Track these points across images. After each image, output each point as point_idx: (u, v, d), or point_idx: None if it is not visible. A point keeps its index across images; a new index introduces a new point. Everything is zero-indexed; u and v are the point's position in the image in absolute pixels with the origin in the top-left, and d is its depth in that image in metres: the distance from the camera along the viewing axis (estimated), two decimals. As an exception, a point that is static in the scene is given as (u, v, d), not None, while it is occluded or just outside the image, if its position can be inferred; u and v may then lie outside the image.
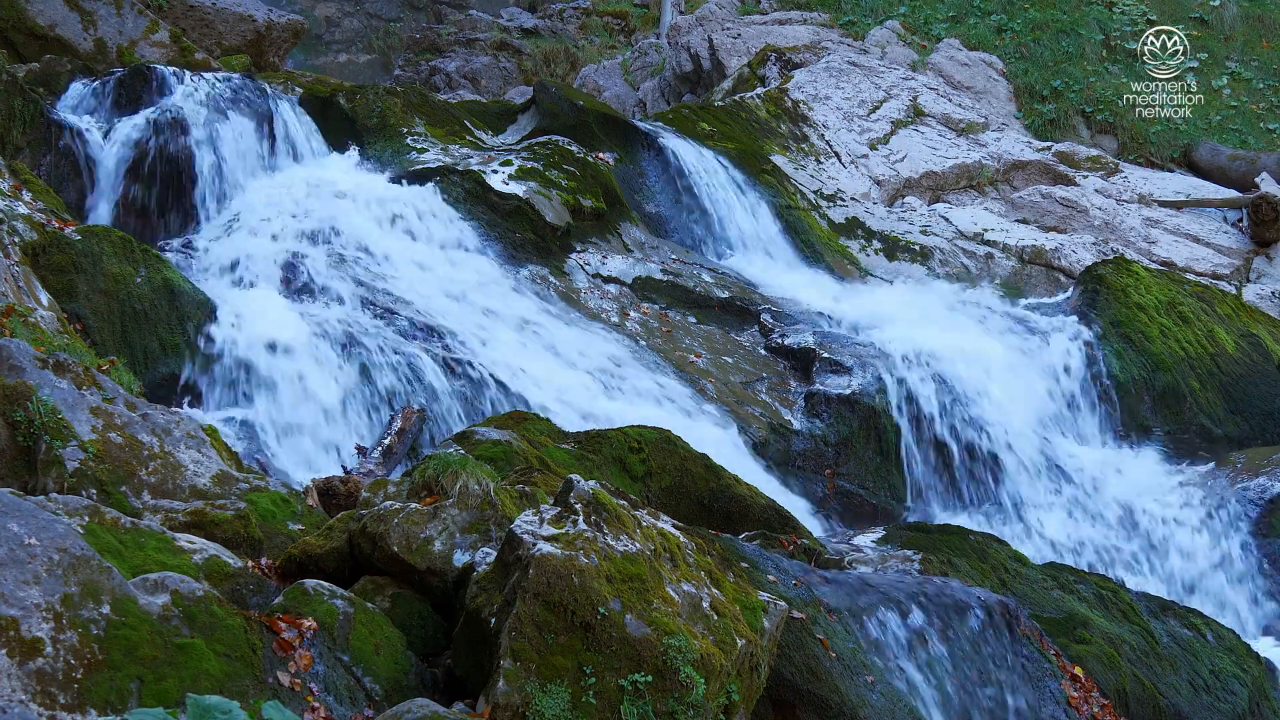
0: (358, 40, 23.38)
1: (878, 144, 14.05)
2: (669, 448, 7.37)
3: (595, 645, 4.32)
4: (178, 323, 8.18)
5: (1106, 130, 15.74)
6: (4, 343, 5.37)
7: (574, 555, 4.43)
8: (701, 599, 4.66)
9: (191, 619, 4.15)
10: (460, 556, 5.01)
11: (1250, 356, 11.06)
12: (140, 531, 4.71)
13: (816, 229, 12.50)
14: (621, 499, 4.87)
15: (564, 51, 21.33)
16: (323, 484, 6.61)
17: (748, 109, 13.96)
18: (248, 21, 14.31)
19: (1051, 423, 10.32)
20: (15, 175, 8.83)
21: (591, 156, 11.81)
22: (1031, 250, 12.67)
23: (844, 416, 9.61)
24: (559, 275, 10.68)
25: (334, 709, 4.31)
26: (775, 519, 7.23)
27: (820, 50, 16.01)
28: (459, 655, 4.67)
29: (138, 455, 5.36)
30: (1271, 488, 9.50)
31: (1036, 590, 7.10)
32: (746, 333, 10.70)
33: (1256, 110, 16.08)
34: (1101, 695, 6.20)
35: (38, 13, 12.52)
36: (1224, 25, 17.43)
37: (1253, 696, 6.98)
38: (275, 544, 5.42)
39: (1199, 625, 7.36)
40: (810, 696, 5.09)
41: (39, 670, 3.75)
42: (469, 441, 6.71)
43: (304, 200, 10.26)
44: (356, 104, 11.83)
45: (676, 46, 17.26)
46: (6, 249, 7.50)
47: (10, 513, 3.96)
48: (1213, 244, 13.30)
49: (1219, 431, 10.49)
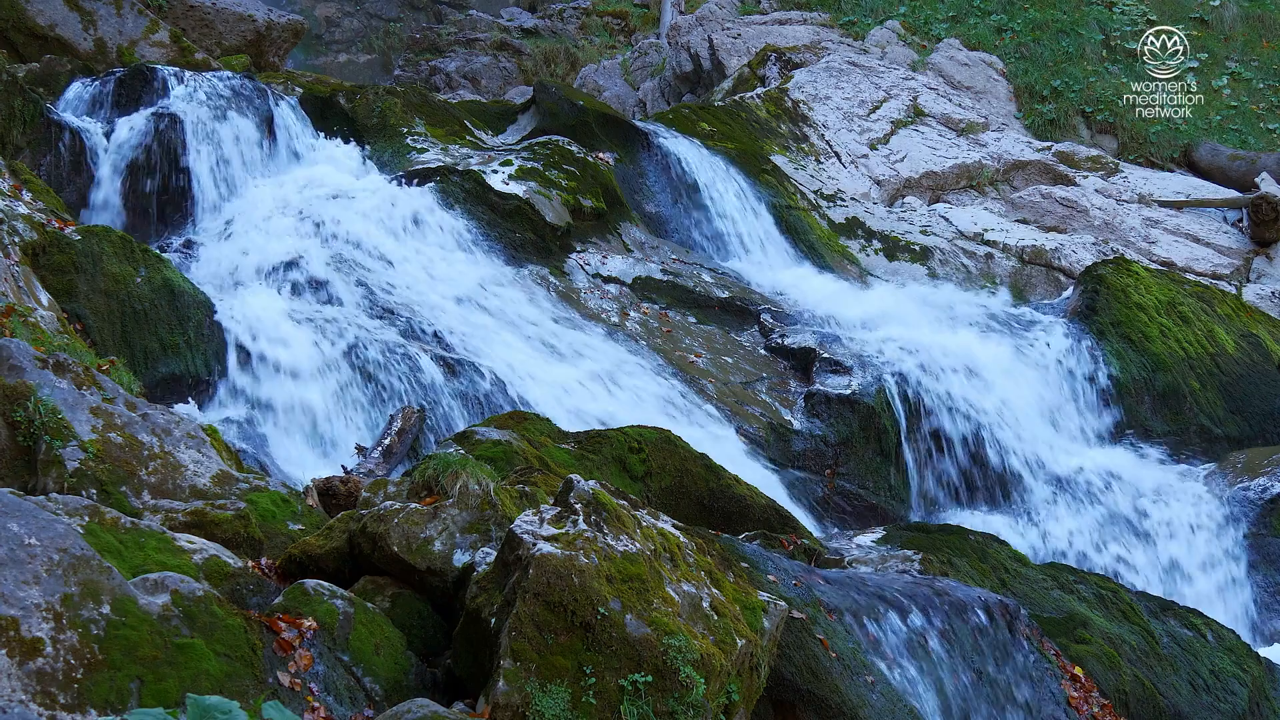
0: (358, 40, 23.37)
1: (878, 144, 14.05)
2: (669, 448, 7.37)
3: (595, 645, 4.32)
4: (178, 323, 8.18)
5: (1106, 130, 15.74)
6: (4, 343, 5.37)
7: (574, 555, 4.43)
8: (701, 599, 4.66)
9: (191, 619, 4.15)
10: (460, 556, 5.01)
11: (1250, 356, 11.05)
12: (140, 531, 4.71)
13: (816, 229, 12.50)
14: (621, 499, 4.87)
15: (564, 51, 21.33)
16: (323, 484, 6.61)
17: (748, 109, 13.96)
18: (248, 21, 14.31)
19: (1051, 423, 10.32)
20: (15, 175, 8.83)
21: (591, 156, 11.81)
22: (1031, 250, 12.67)
23: (844, 416, 9.61)
24: (559, 275, 10.68)
25: (334, 709, 4.31)
26: (775, 519, 7.23)
27: (820, 50, 16.01)
28: (459, 655, 4.67)
29: (138, 455, 5.36)
30: (1271, 488, 9.50)
31: (1036, 590, 7.09)
32: (746, 333, 10.70)
33: (1256, 110, 16.08)
34: (1101, 695, 6.20)
35: (38, 13, 12.52)
36: (1224, 25, 17.43)
37: (1253, 696, 6.98)
38: (275, 544, 5.42)
39: (1199, 625, 7.36)
40: (810, 696, 5.09)
41: (39, 670, 3.75)
42: (469, 441, 6.71)
43: (304, 200, 10.26)
44: (356, 104, 11.83)
45: (676, 46, 17.26)
46: (6, 249, 7.50)
47: (10, 513, 3.96)
48: (1213, 244, 13.29)
49: (1219, 431, 10.49)
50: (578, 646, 4.32)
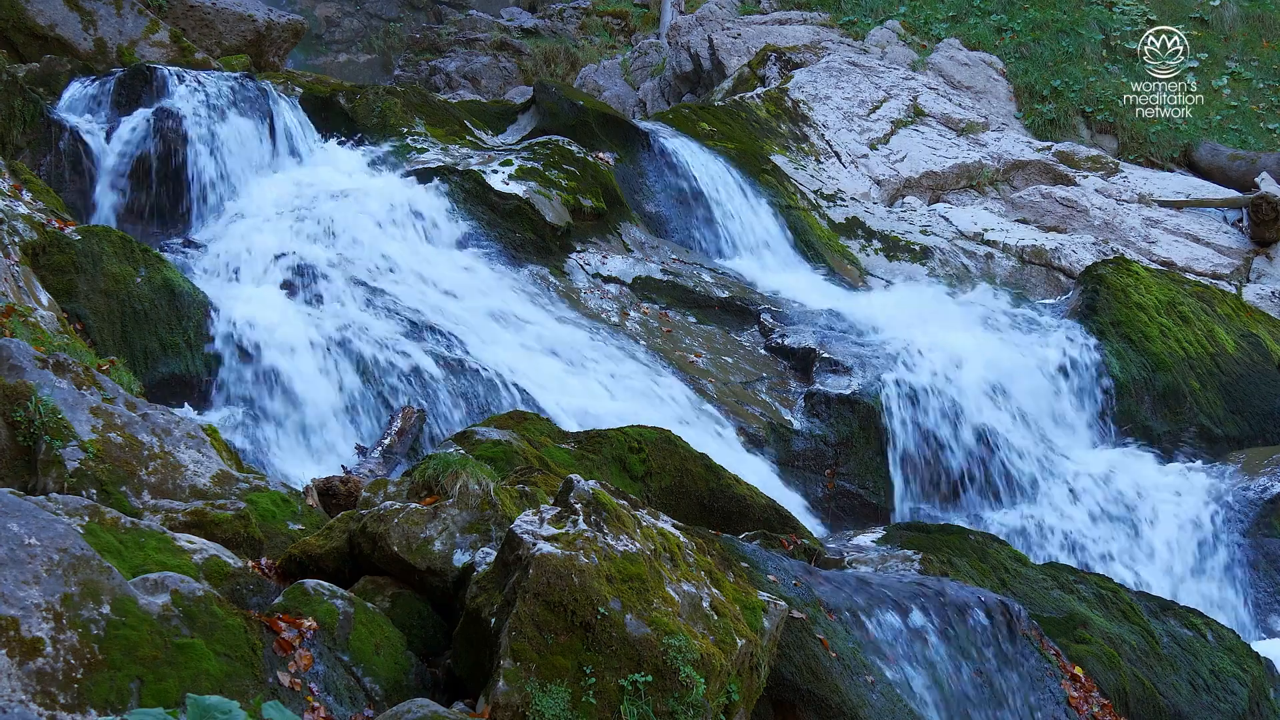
0: (358, 40, 23.37)
1: (878, 144, 14.05)
2: (669, 447, 7.37)
3: (595, 645, 4.32)
4: (178, 323, 8.18)
5: (1106, 130, 15.74)
6: (4, 343, 5.37)
7: (574, 555, 4.43)
8: (701, 599, 4.66)
9: (191, 619, 4.15)
10: (460, 556, 5.01)
11: (1250, 356, 11.05)
12: (140, 531, 4.71)
13: (816, 229, 12.50)
14: (621, 499, 4.87)
15: (564, 51, 21.32)
16: (323, 484, 6.61)
17: (748, 109, 13.96)
18: (248, 21, 14.31)
19: (1051, 422, 10.32)
20: (15, 175, 8.83)
21: (591, 156, 11.81)
22: (1031, 250, 12.67)
23: (844, 416, 9.62)
24: (559, 275, 10.68)
25: (334, 709, 4.31)
26: (775, 519, 7.23)
27: (820, 50, 16.01)
28: (459, 655, 4.67)
29: (138, 455, 5.36)
30: (1271, 488, 9.50)
31: (1036, 590, 7.10)
32: (746, 333, 10.70)
33: (1256, 110, 16.08)
34: (1101, 695, 6.20)
35: (38, 13, 12.51)
36: (1224, 25, 17.42)
37: (1253, 696, 6.98)
38: (275, 544, 5.42)
39: (1199, 625, 7.36)
40: (810, 696, 5.09)
41: (39, 670, 3.75)
42: (469, 441, 6.72)
43: (303, 200, 10.26)
44: (356, 104, 11.83)
45: (676, 46, 17.26)
46: (6, 249, 7.50)
47: (10, 513, 3.96)
48: (1213, 244, 13.29)
49: (1219, 431, 10.48)
50: (578, 646, 4.32)
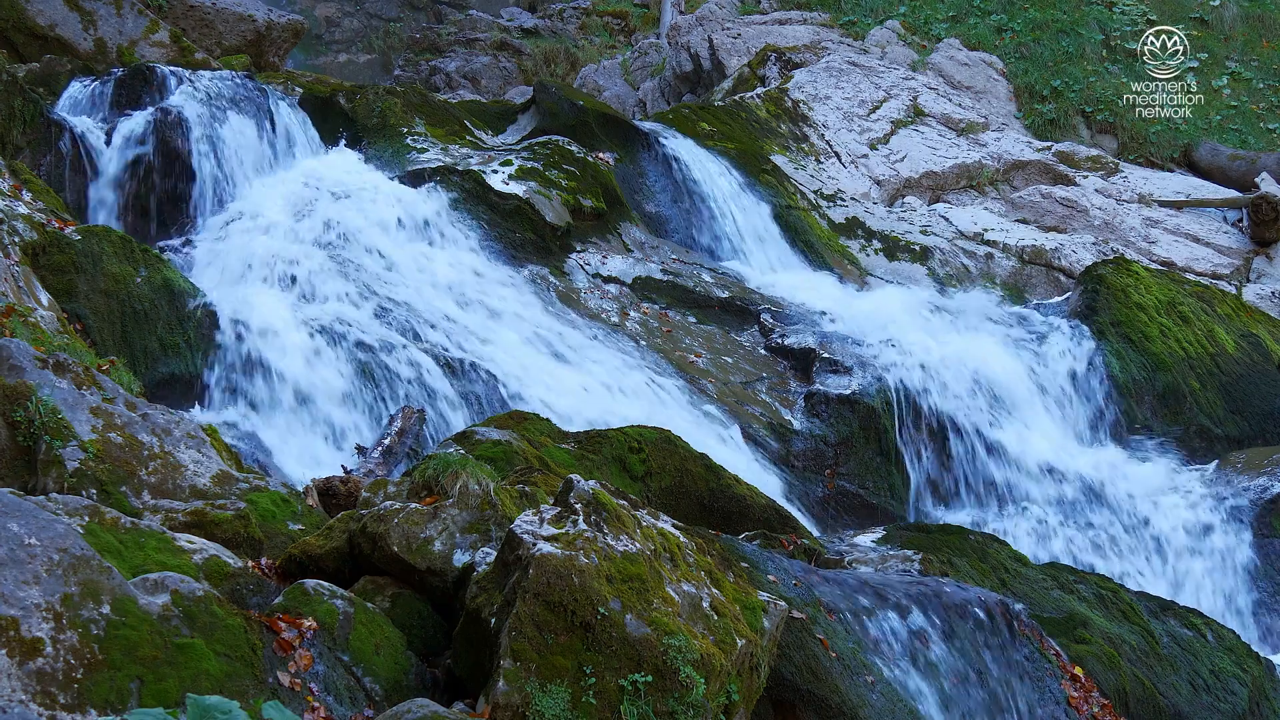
0: (358, 40, 23.37)
1: (878, 144, 14.05)
2: (669, 448, 7.37)
3: (595, 645, 4.32)
4: (178, 323, 8.18)
5: (1106, 130, 15.74)
6: (4, 343, 5.37)
7: (574, 555, 4.43)
8: (701, 599, 4.66)
9: (191, 619, 4.15)
10: (460, 556, 5.01)
11: (1250, 356, 11.05)
12: (140, 531, 4.71)
13: (816, 229, 12.50)
14: (621, 499, 4.87)
15: (564, 51, 21.32)
16: (323, 484, 6.61)
17: (748, 109, 13.96)
18: (248, 21, 14.31)
19: (1051, 422, 10.32)
20: (15, 175, 8.83)
21: (591, 156, 11.81)
22: (1031, 250, 12.67)
23: (844, 416, 9.62)
24: (559, 275, 10.68)
25: (334, 709, 4.31)
26: (775, 519, 7.23)
27: (820, 50, 16.01)
28: (459, 655, 4.67)
29: (138, 455, 5.36)
30: (1271, 488, 9.50)
31: (1036, 590, 7.10)
32: (746, 333, 10.70)
33: (1256, 110, 16.08)
34: (1101, 695, 6.20)
35: (38, 13, 12.52)
36: (1224, 25, 17.42)
37: (1253, 696, 6.98)
38: (275, 544, 5.42)
39: (1199, 625, 7.36)
40: (810, 696, 5.09)
41: (39, 670, 3.75)
42: (469, 441, 6.72)
43: (303, 200, 10.26)
44: (356, 104, 11.83)
45: (676, 46, 17.26)
46: (6, 249, 7.50)
47: (10, 513, 3.96)
48: (1213, 244, 13.29)
49: (1219, 431, 10.48)
50: (578, 646, 4.32)
